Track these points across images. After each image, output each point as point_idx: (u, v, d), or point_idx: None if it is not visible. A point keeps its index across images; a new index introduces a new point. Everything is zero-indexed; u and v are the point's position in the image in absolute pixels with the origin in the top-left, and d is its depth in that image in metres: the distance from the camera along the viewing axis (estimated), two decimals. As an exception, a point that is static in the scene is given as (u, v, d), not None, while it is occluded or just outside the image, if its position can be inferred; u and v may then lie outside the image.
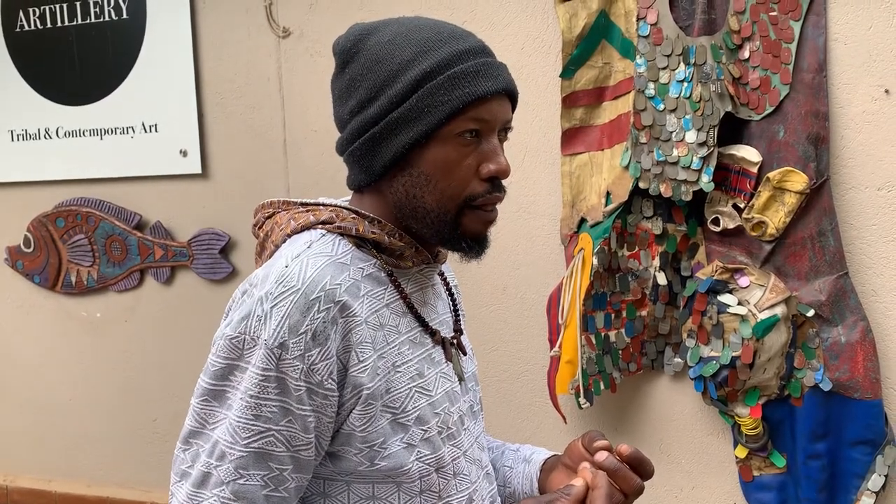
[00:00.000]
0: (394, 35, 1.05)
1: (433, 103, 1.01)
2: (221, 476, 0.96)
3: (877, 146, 1.92)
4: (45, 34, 2.84)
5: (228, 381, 0.97)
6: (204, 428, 0.99)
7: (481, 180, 1.05)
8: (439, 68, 1.02)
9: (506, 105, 1.07)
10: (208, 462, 0.97)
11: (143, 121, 2.74)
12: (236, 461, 0.96)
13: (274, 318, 0.96)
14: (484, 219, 1.07)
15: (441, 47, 1.03)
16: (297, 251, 1.02)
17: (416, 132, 1.02)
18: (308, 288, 0.97)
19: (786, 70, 1.92)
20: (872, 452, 1.94)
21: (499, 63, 1.07)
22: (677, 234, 2.08)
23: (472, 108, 1.02)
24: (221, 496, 0.96)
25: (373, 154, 1.05)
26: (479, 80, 1.02)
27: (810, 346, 1.97)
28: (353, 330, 1.00)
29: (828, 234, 1.93)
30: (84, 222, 2.84)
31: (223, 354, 0.98)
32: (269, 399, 0.96)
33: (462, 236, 1.07)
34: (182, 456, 1.00)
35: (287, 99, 2.55)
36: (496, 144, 1.06)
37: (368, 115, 1.04)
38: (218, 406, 0.98)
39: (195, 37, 2.64)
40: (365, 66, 1.05)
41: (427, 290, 1.14)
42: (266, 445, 0.96)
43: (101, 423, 2.93)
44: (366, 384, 1.00)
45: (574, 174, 2.18)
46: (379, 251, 1.08)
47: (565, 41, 2.12)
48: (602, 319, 2.12)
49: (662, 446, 2.22)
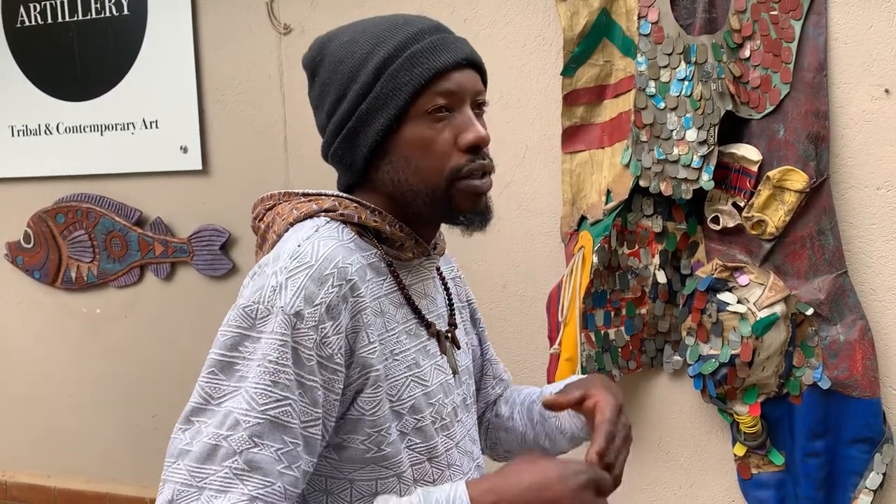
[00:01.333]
0: (351, 35, 1.08)
1: (396, 86, 1.03)
2: (234, 445, 0.90)
3: (876, 146, 1.92)
4: (45, 30, 2.84)
5: (238, 351, 0.94)
6: (209, 403, 0.94)
7: (461, 152, 1.05)
8: (396, 52, 1.04)
9: (472, 76, 1.07)
10: (217, 433, 0.91)
11: (144, 117, 2.74)
12: (252, 428, 0.91)
13: (290, 288, 0.96)
14: (474, 189, 1.06)
15: (396, 33, 1.05)
16: (307, 234, 1.02)
17: (386, 117, 1.04)
18: (321, 264, 0.98)
19: (786, 69, 1.92)
20: (871, 451, 1.94)
21: (456, 37, 1.08)
22: (677, 233, 2.09)
23: (436, 83, 1.03)
24: (234, 467, 0.90)
25: (352, 149, 1.07)
26: (436, 55, 1.04)
27: (809, 344, 1.97)
28: (362, 311, 1.01)
29: (827, 232, 1.93)
30: (84, 218, 2.84)
31: (234, 324, 0.96)
32: (286, 366, 0.93)
33: (458, 211, 1.07)
34: (180, 436, 0.94)
35: (288, 96, 2.55)
36: (470, 115, 1.06)
37: (341, 113, 1.07)
38: (225, 379, 0.94)
39: (196, 33, 2.64)
40: (330, 70, 1.08)
41: (426, 282, 1.15)
42: (282, 415, 0.92)
43: (101, 419, 2.94)
44: (374, 366, 1.01)
45: (574, 172, 2.18)
46: (380, 241, 1.08)
47: (566, 39, 2.13)
48: (602, 317, 2.13)
49: (661, 444, 2.22)
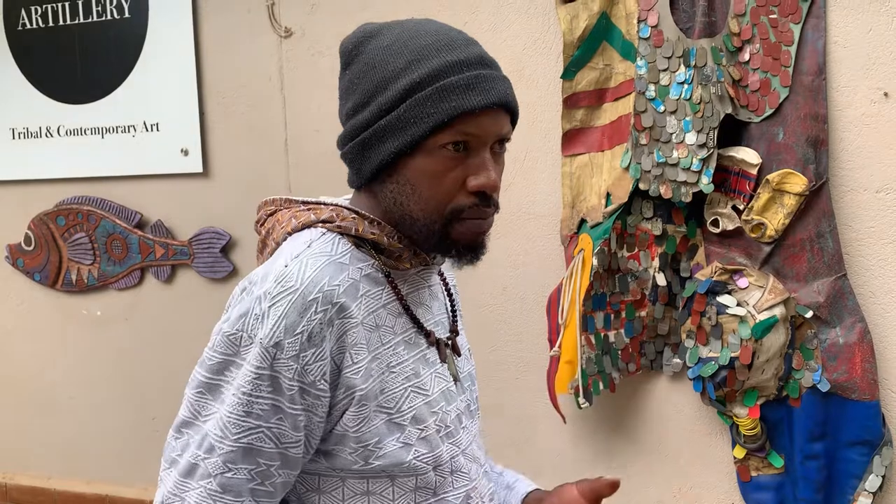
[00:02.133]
0: (393, 40, 1.04)
1: (419, 115, 1.00)
2: (209, 469, 0.98)
3: (875, 149, 1.93)
4: (47, 32, 2.85)
5: (224, 376, 0.99)
6: (196, 419, 1.00)
7: (468, 193, 1.03)
8: (429, 79, 1.00)
9: (500, 119, 1.03)
10: (196, 454, 0.99)
11: (145, 119, 2.74)
12: (224, 455, 0.97)
13: (271, 317, 0.96)
14: (473, 229, 1.05)
15: (434, 57, 1.01)
16: (297, 250, 1.02)
17: (401, 142, 1.01)
18: (306, 289, 0.98)
19: (785, 72, 1.93)
20: (870, 453, 1.95)
21: (495, 75, 1.03)
22: (677, 236, 2.09)
23: (460, 122, 1.00)
24: (208, 488, 0.98)
25: (362, 158, 1.06)
26: (467, 94, 1.00)
27: (808, 347, 1.98)
28: (349, 331, 1.00)
29: (826, 235, 1.94)
30: (85, 220, 2.84)
31: (220, 350, 0.99)
32: (261, 397, 0.97)
33: (453, 243, 1.06)
34: (173, 444, 1.02)
35: (288, 99, 2.56)
36: (486, 158, 1.03)
37: (360, 119, 1.05)
38: (212, 399, 0.99)
39: (197, 36, 2.65)
40: (362, 69, 1.05)
41: (423, 291, 1.14)
42: (255, 441, 0.98)
43: (101, 421, 2.94)
44: (359, 385, 1.01)
45: (574, 175, 2.19)
46: (377, 252, 1.08)
47: (566, 43, 2.13)
48: (601, 320, 2.13)
49: (661, 446, 2.23)
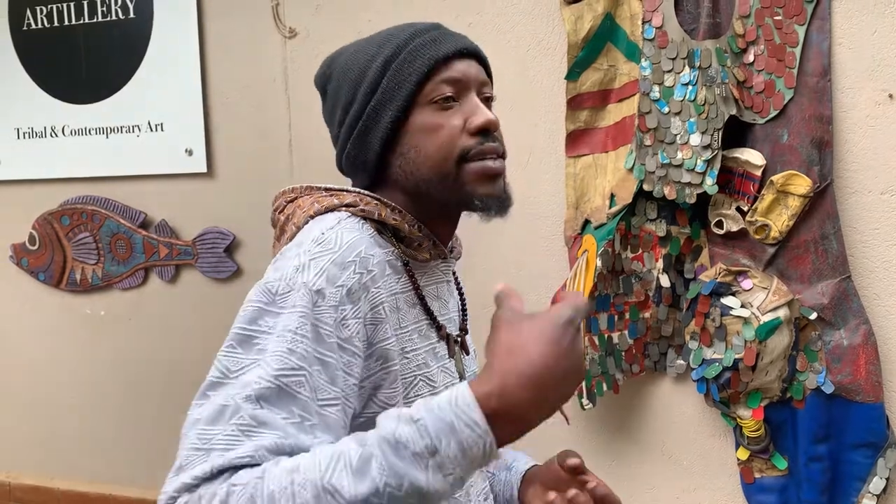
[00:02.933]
0: (356, 46, 1.14)
1: (401, 78, 1.07)
2: (240, 402, 0.87)
3: (880, 150, 1.93)
4: (51, 33, 2.85)
5: (258, 325, 0.93)
6: (226, 377, 0.90)
7: (470, 135, 1.07)
8: (399, 49, 1.08)
9: (475, 66, 1.10)
10: (228, 395, 0.88)
11: (149, 120, 2.75)
12: (260, 391, 0.88)
13: (312, 268, 0.96)
14: (485, 168, 1.07)
15: (397, 35, 1.10)
16: (330, 224, 1.03)
17: (393, 109, 1.07)
18: (345, 251, 0.99)
19: (790, 74, 1.93)
20: (874, 455, 1.94)
21: (456, 32, 1.13)
22: (681, 237, 2.09)
23: (439, 71, 1.07)
24: (240, 423, 0.86)
25: (364, 148, 1.09)
26: (436, 45, 1.08)
27: (812, 348, 1.97)
28: (381, 304, 1.01)
29: (831, 237, 1.94)
30: (89, 220, 2.85)
31: (255, 299, 0.95)
32: (305, 338, 0.92)
33: (472, 194, 1.07)
34: (195, 411, 0.90)
35: (293, 99, 2.56)
36: (477, 101, 1.09)
37: (352, 115, 1.10)
38: (243, 353, 0.92)
39: (202, 36, 2.65)
40: (338, 80, 1.13)
41: (441, 285, 1.15)
42: (293, 384, 0.89)
43: (105, 421, 2.94)
44: (394, 360, 1.01)
45: (578, 176, 2.19)
46: (397, 240, 1.09)
47: (570, 43, 2.13)
48: (605, 321, 2.13)
49: (664, 448, 2.22)
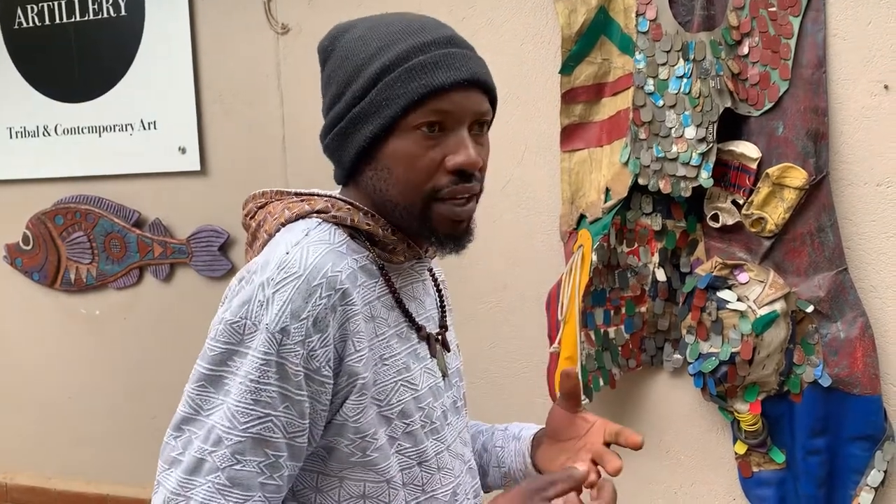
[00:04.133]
0: (364, 31, 1.05)
1: (390, 97, 1.00)
2: (217, 462, 0.94)
3: (876, 142, 1.92)
4: (43, 31, 2.84)
5: (227, 366, 0.95)
6: (198, 414, 0.96)
7: (447, 172, 1.02)
8: (397, 61, 1.00)
9: (475, 97, 1.03)
10: (202, 448, 0.95)
11: (142, 118, 2.73)
12: (233, 446, 0.94)
13: (276, 302, 0.95)
14: (453, 213, 1.03)
15: (403, 41, 1.01)
16: (296, 238, 1.01)
17: (374, 126, 1.01)
18: (310, 274, 0.97)
19: (785, 66, 1.92)
20: (871, 448, 1.94)
21: (466, 54, 1.03)
22: (676, 231, 2.08)
23: (431, 101, 1.00)
24: (216, 482, 0.94)
25: (341, 149, 1.06)
26: (436, 72, 1.00)
27: (809, 342, 1.97)
28: (351, 319, 0.99)
29: (827, 230, 1.93)
30: (83, 219, 2.84)
31: (223, 339, 0.96)
32: (269, 384, 0.94)
33: (432, 231, 1.04)
34: (172, 443, 0.98)
35: (286, 95, 2.55)
36: (464, 137, 1.02)
37: (337, 111, 1.05)
38: (214, 392, 0.96)
39: (194, 33, 2.64)
40: (337, 62, 1.06)
41: (416, 285, 1.14)
42: (264, 431, 0.95)
43: (101, 421, 2.93)
44: (361, 374, 1.00)
45: (573, 171, 2.18)
46: (371, 244, 1.07)
47: (564, 37, 2.12)
48: (601, 316, 2.12)
49: (662, 442, 2.22)
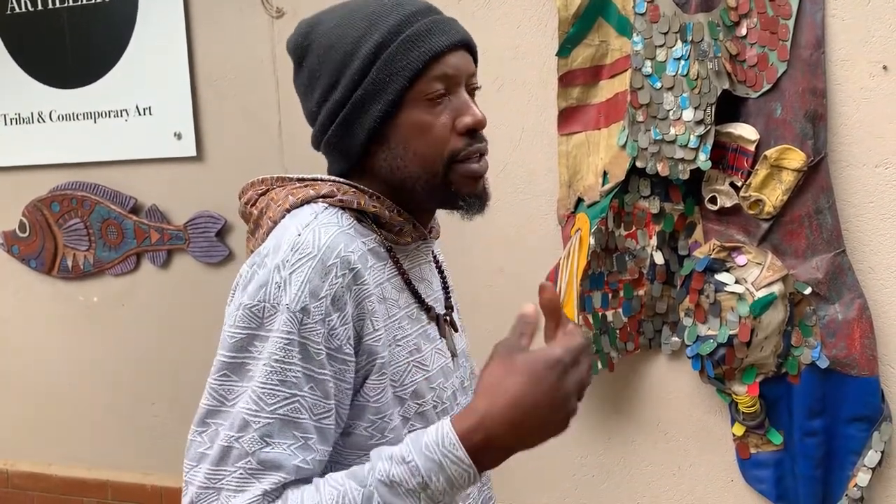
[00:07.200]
0: (340, 18, 1.06)
1: (393, 71, 1.02)
2: (245, 447, 0.91)
3: (875, 123, 1.91)
4: (36, 16, 2.81)
5: (248, 351, 0.94)
6: (223, 405, 0.94)
7: (459, 135, 1.05)
8: (391, 36, 1.02)
9: (466, 58, 1.07)
10: (229, 435, 0.91)
11: (137, 103, 2.72)
12: (262, 429, 0.91)
13: (294, 283, 0.95)
14: (472, 171, 1.07)
15: (388, 16, 1.04)
16: (306, 220, 1.01)
17: (383, 103, 1.02)
18: (324, 254, 0.97)
19: (783, 47, 1.91)
20: (869, 429, 1.95)
21: (448, 18, 1.08)
22: (674, 213, 2.08)
23: (433, 67, 1.03)
24: (247, 468, 0.90)
25: (348, 137, 1.05)
26: (432, 38, 1.03)
27: (807, 323, 1.97)
28: (366, 299, 1.00)
29: (825, 211, 1.92)
30: (79, 206, 2.83)
31: (242, 325, 0.95)
32: (293, 364, 0.93)
33: (457, 194, 1.07)
34: (198, 439, 0.94)
35: (281, 80, 2.53)
36: (467, 98, 1.06)
37: (335, 100, 1.05)
38: (238, 380, 0.94)
39: (188, 18, 2.62)
40: (320, 55, 1.06)
41: (423, 266, 1.15)
42: (291, 412, 0.92)
43: (100, 407, 2.94)
44: (380, 353, 1.00)
45: (571, 154, 2.17)
46: (378, 226, 1.07)
47: (561, 19, 2.11)
48: (599, 299, 2.12)
49: (660, 425, 2.23)
